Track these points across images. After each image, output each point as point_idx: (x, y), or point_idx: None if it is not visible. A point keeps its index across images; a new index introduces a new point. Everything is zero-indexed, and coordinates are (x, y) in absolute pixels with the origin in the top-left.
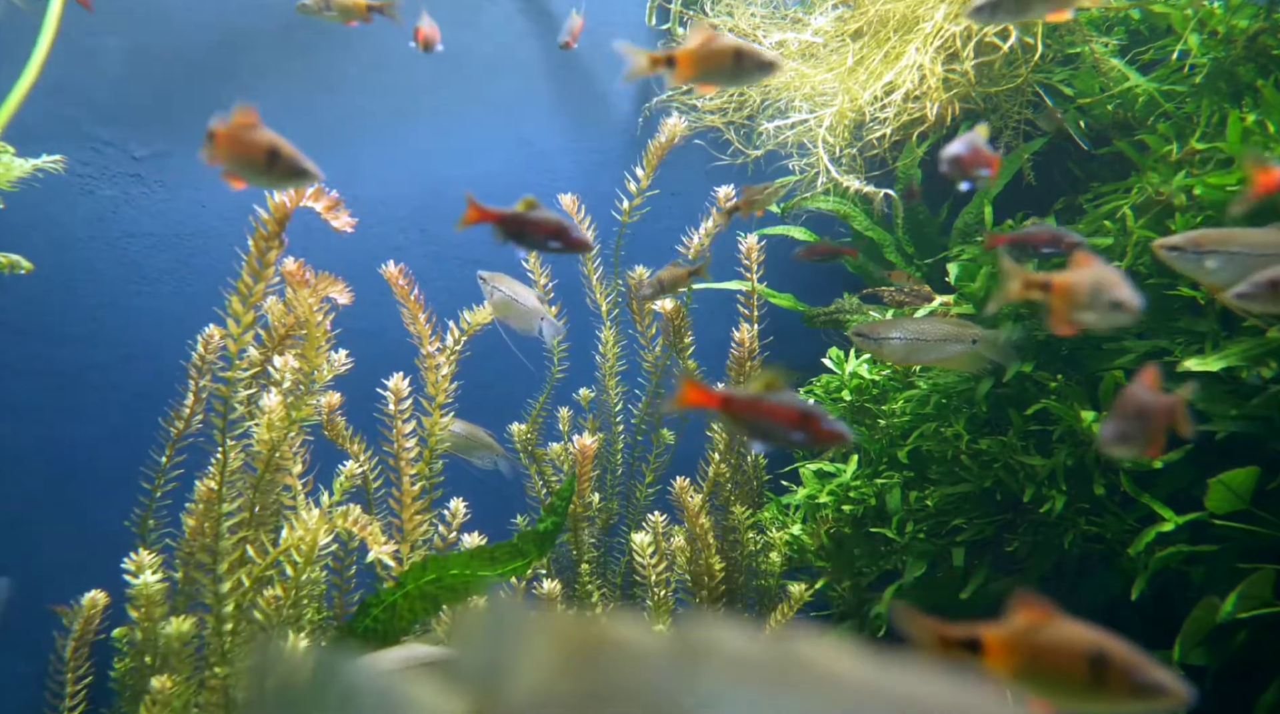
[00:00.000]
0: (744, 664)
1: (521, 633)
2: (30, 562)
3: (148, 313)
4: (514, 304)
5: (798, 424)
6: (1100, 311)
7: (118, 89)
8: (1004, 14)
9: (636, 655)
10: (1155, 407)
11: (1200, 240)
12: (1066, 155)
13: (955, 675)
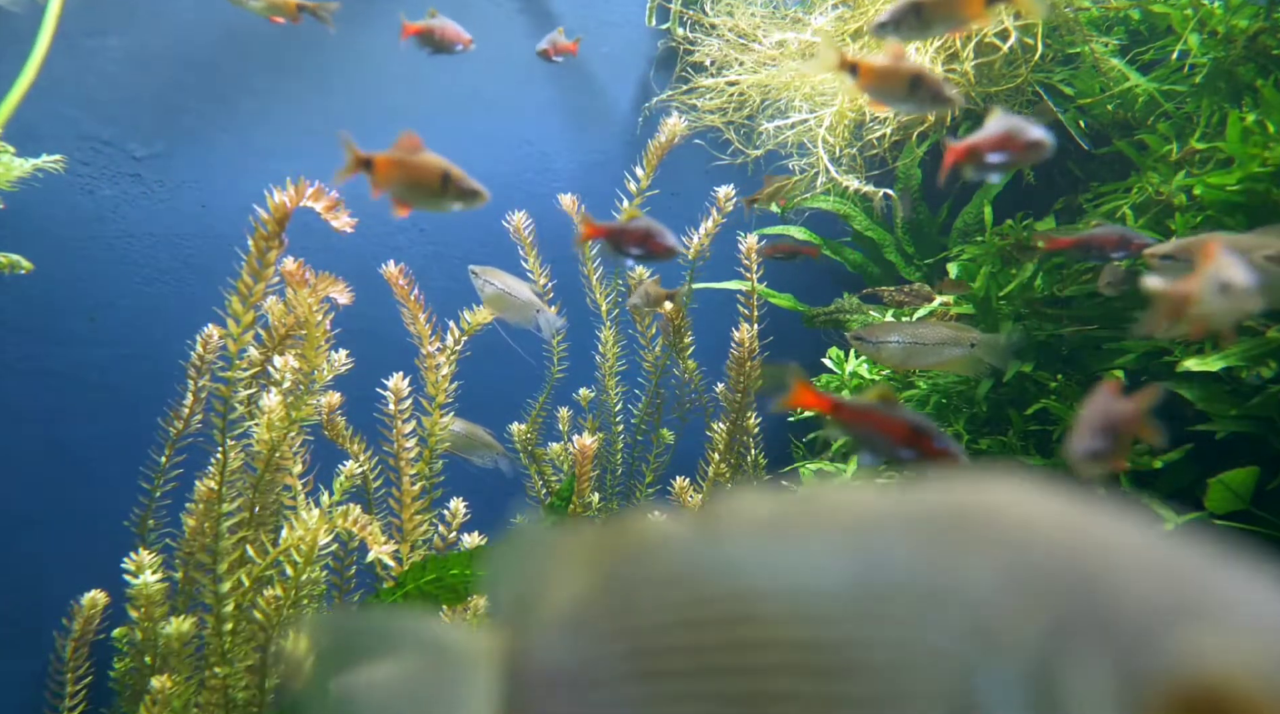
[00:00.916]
0: (765, 521)
1: (548, 557)
2: (30, 562)
3: (148, 313)
4: (507, 297)
5: (908, 440)
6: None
7: (118, 89)
8: (906, 30)
9: (663, 547)
10: (1121, 417)
11: (1191, 248)
12: (1066, 155)
13: (977, 485)
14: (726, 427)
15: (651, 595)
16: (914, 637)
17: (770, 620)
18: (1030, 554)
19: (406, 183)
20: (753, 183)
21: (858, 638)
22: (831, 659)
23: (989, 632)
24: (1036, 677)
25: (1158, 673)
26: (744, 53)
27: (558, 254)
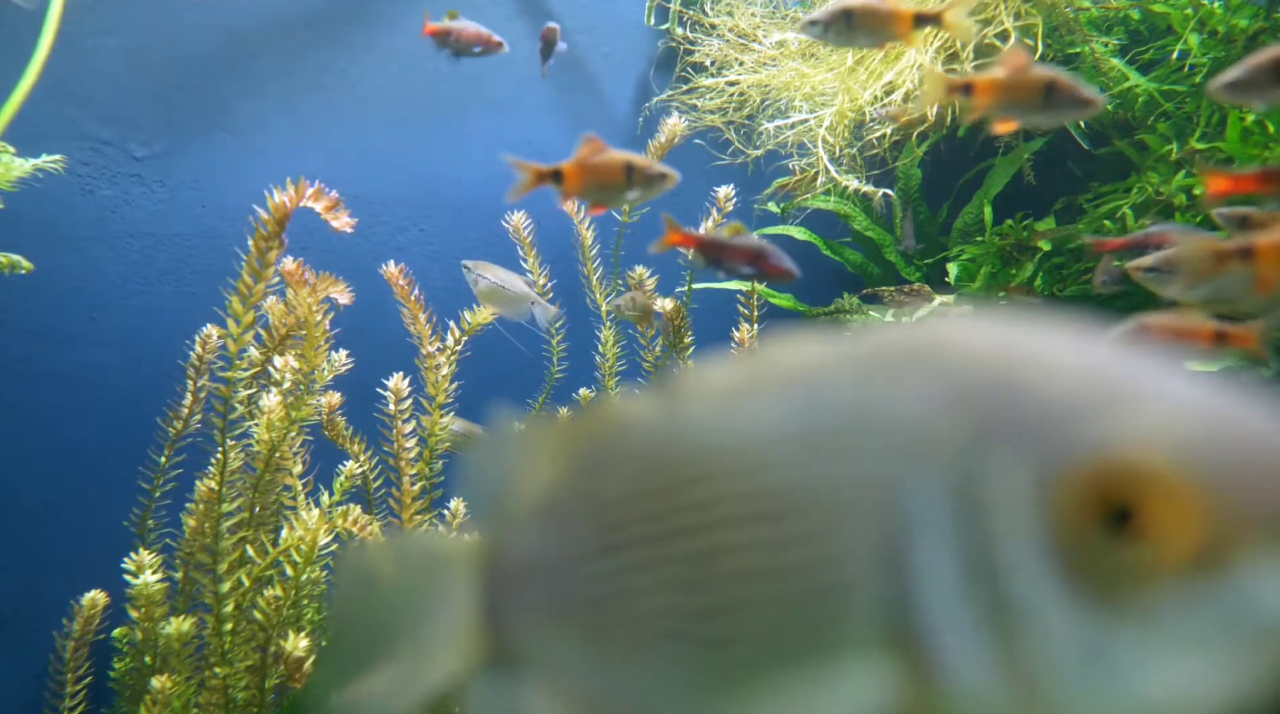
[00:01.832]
0: (720, 384)
1: (520, 453)
2: (30, 561)
3: (148, 313)
4: (501, 291)
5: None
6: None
7: (118, 89)
8: (832, 35)
9: (625, 425)
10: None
11: (1173, 260)
12: (1066, 155)
13: (927, 323)
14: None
15: (614, 472)
16: (850, 467)
17: (720, 476)
18: (961, 373)
19: (594, 185)
20: (753, 183)
21: (800, 478)
22: (776, 504)
23: (917, 450)
24: (961, 488)
25: (1070, 463)
26: (744, 53)
27: (558, 254)
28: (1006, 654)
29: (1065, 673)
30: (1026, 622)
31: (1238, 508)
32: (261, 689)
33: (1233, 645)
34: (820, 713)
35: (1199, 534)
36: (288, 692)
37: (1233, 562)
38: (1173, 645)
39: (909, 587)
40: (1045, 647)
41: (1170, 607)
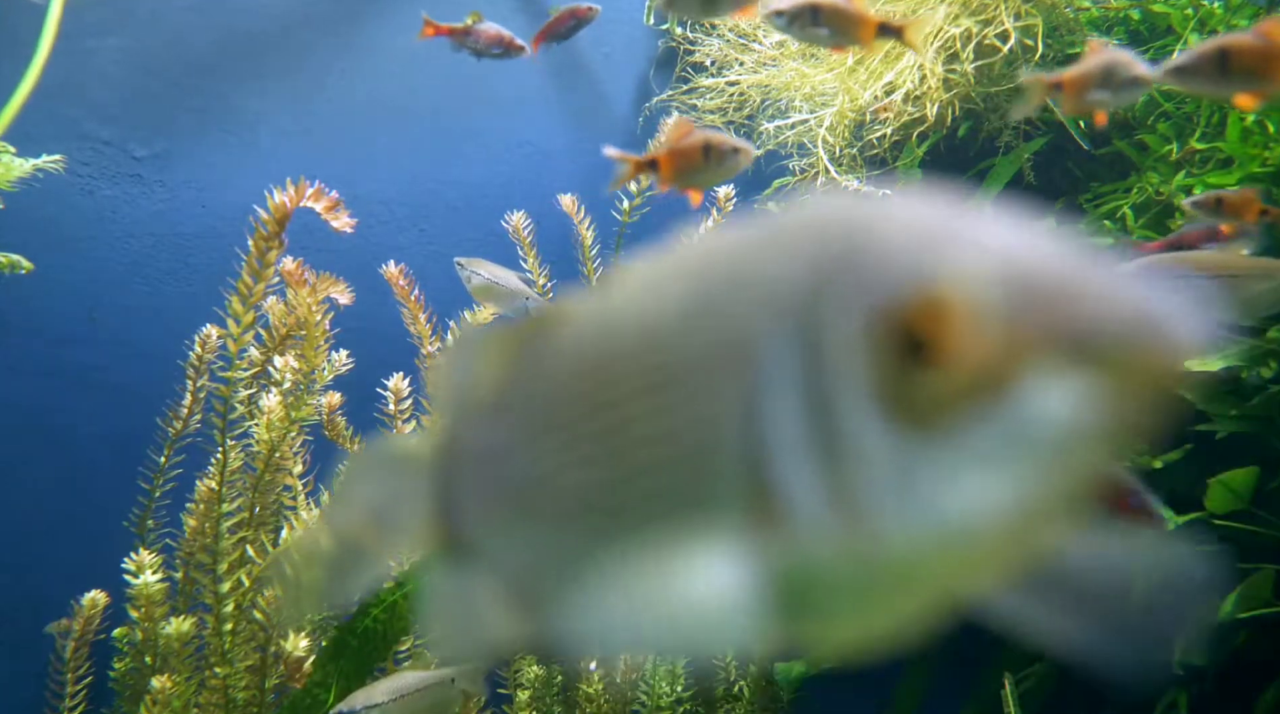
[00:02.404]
0: (644, 275)
1: (475, 355)
2: (30, 561)
3: (148, 313)
4: (495, 287)
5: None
6: None
7: (118, 89)
8: (796, 29)
9: (562, 322)
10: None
11: (1156, 267)
12: (1066, 155)
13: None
14: None
15: (547, 364)
16: (720, 331)
17: (624, 357)
18: (816, 237)
19: (683, 169)
20: (753, 182)
21: (682, 348)
22: (664, 374)
23: (772, 308)
24: (805, 337)
25: (881, 301)
26: (744, 53)
27: (558, 254)
28: (838, 488)
29: (882, 499)
30: (852, 455)
31: (1019, 330)
32: (261, 689)
33: (1021, 459)
34: (695, 570)
35: (986, 357)
36: (288, 692)
37: (1016, 380)
38: (971, 464)
39: (763, 435)
40: (866, 477)
41: (966, 428)
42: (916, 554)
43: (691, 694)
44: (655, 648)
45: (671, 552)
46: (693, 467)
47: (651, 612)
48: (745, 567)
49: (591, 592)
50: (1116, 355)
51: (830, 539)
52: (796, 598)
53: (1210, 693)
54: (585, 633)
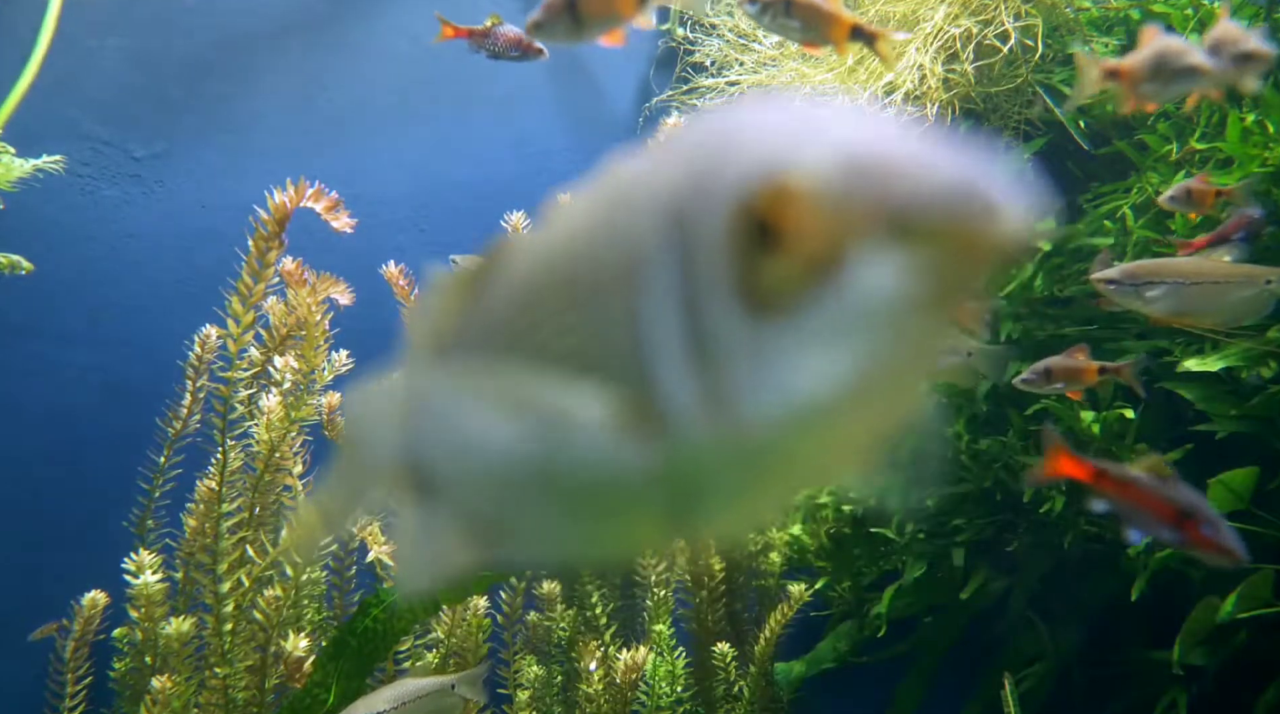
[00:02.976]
0: (566, 206)
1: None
2: (30, 561)
3: (148, 313)
4: None
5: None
6: None
7: (118, 89)
8: (768, 20)
9: (504, 261)
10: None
11: (1135, 272)
12: (1066, 155)
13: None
14: None
15: (487, 300)
16: (615, 241)
17: (540, 283)
18: (701, 144)
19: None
20: None
21: (589, 258)
22: (572, 293)
23: (656, 214)
24: (680, 237)
25: (734, 193)
26: (744, 53)
27: None
28: (704, 381)
29: (741, 387)
30: (713, 347)
31: (848, 209)
32: (261, 689)
33: (859, 334)
34: (608, 479)
35: (821, 237)
36: (288, 692)
37: (849, 258)
38: (816, 343)
39: (645, 338)
40: (727, 367)
41: (809, 310)
42: (778, 436)
43: (691, 694)
44: (581, 548)
45: (588, 463)
46: (598, 378)
47: (572, 516)
48: (646, 467)
49: (526, 507)
50: (937, 226)
51: (703, 431)
52: (686, 491)
53: (1210, 693)
54: (524, 546)
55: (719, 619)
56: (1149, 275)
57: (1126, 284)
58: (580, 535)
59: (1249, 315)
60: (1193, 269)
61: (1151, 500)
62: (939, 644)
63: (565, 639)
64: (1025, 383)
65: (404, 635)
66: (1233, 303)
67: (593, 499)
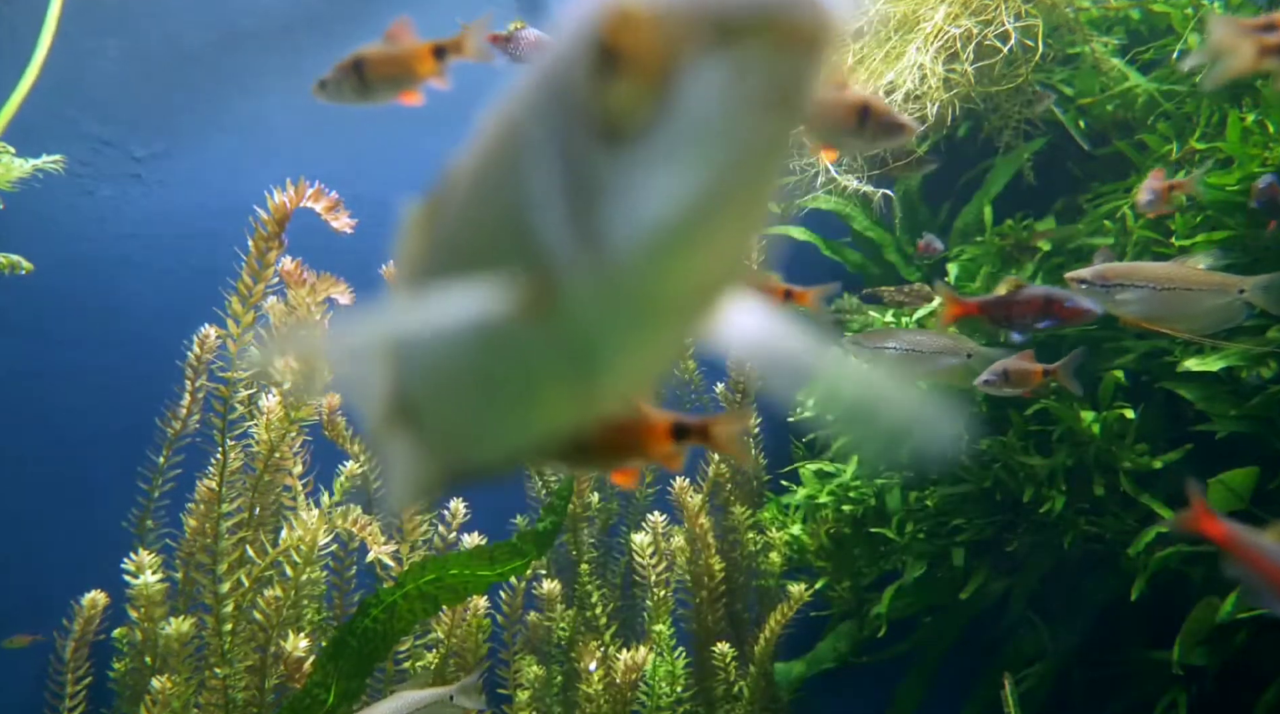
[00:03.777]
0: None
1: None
2: (30, 562)
3: (148, 313)
4: None
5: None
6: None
7: (118, 89)
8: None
9: (448, 188)
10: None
11: (1108, 274)
12: (1066, 155)
13: None
14: None
15: (437, 228)
16: (514, 123)
17: (469, 177)
18: (567, 11)
19: (824, 123)
20: None
21: (490, 152)
22: (480, 187)
23: (543, 84)
24: (556, 95)
25: (589, 23)
26: None
27: None
28: (579, 221)
29: (607, 218)
30: (584, 184)
31: (675, 22)
32: (261, 689)
33: (701, 144)
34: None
35: (655, 53)
36: (287, 692)
37: (681, 68)
38: (664, 161)
39: (530, 199)
40: (595, 201)
41: (654, 128)
42: (645, 265)
43: (691, 694)
44: (519, 438)
45: (507, 352)
46: (507, 265)
47: (506, 407)
48: (551, 337)
49: (474, 409)
50: (757, 21)
51: (584, 276)
52: (586, 349)
53: (1210, 693)
54: (477, 448)
55: (719, 619)
56: (1121, 278)
57: (1098, 285)
58: (516, 425)
59: (1221, 323)
60: (1165, 274)
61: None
62: (939, 644)
63: (565, 639)
64: (986, 385)
65: (404, 635)
66: (1205, 310)
67: (518, 386)
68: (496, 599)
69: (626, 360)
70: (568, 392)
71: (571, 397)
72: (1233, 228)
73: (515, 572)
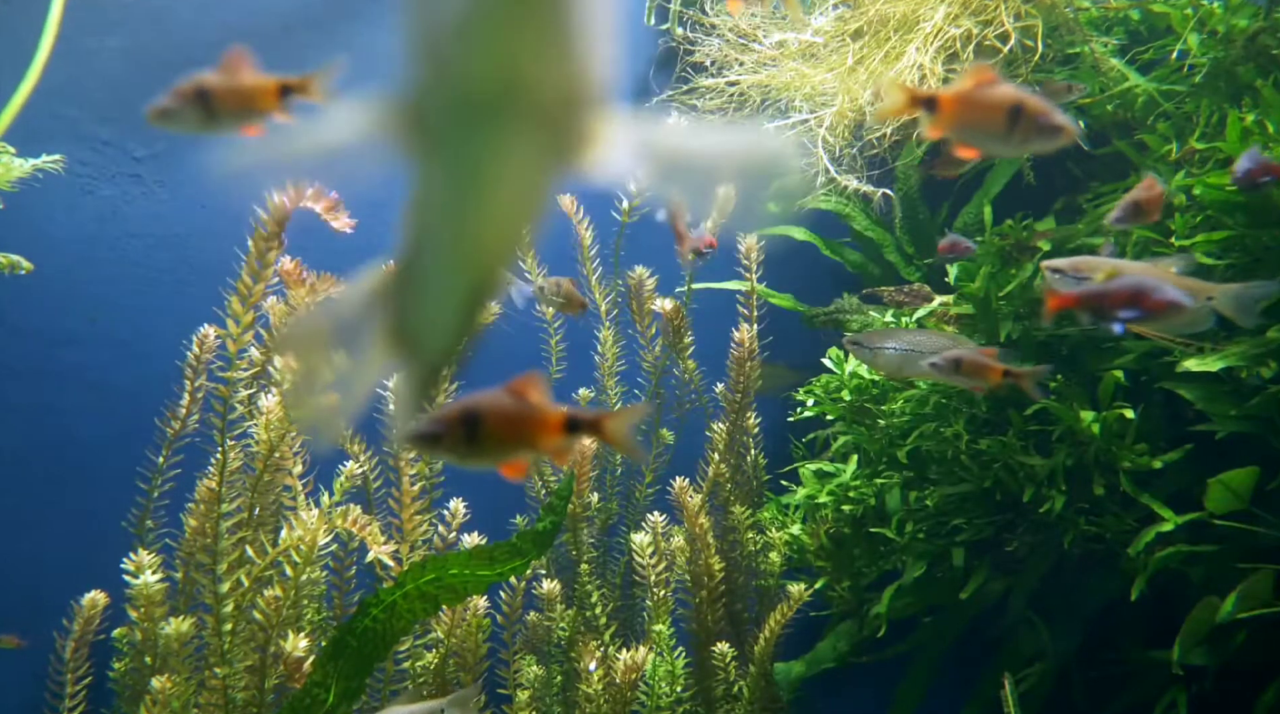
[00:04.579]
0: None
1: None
2: (30, 562)
3: (148, 313)
4: None
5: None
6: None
7: (118, 89)
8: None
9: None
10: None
11: (1080, 266)
12: (1066, 155)
13: None
14: (726, 427)
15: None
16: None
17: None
18: None
19: (970, 123)
20: None
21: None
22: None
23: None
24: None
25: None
26: (744, 53)
27: (556, 255)
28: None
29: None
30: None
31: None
32: (261, 689)
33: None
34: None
35: None
36: (287, 692)
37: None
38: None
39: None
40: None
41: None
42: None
43: (691, 694)
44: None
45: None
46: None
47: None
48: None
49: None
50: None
51: (432, 73)
52: (455, 159)
53: (1210, 693)
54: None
55: (719, 619)
56: (1091, 271)
57: (1070, 276)
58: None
59: (1188, 327)
60: (1134, 271)
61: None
62: (939, 644)
63: (565, 639)
64: (932, 367)
65: (404, 635)
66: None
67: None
68: (496, 599)
69: (484, 168)
70: (459, 219)
71: (464, 223)
72: (1233, 228)
73: (515, 572)
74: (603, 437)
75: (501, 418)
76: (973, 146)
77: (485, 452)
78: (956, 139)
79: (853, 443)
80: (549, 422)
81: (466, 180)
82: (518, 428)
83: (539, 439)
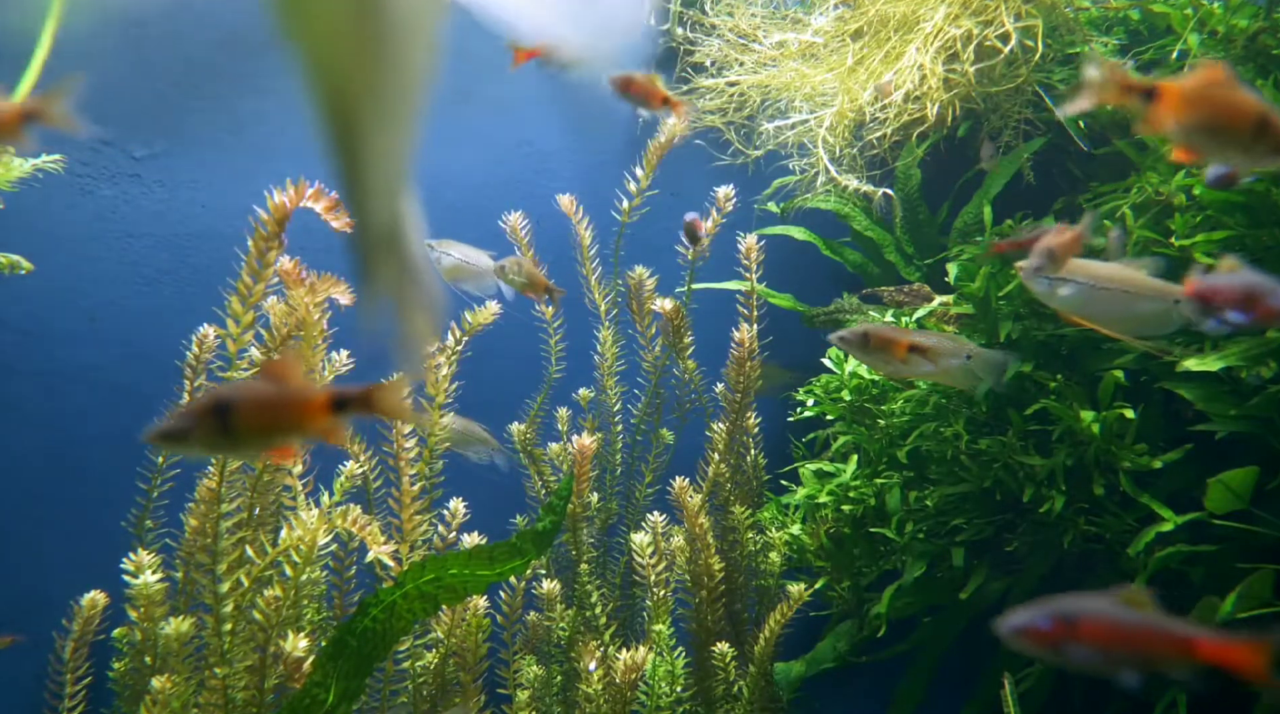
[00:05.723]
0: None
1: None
2: (30, 561)
3: (148, 313)
4: (465, 267)
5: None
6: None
7: (118, 89)
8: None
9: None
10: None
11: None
12: (1066, 155)
13: None
14: (726, 427)
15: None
16: None
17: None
18: None
19: (1202, 125)
20: (753, 182)
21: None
22: None
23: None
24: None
25: None
26: (744, 53)
27: (556, 254)
28: None
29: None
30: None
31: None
32: (261, 689)
33: None
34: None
35: None
36: (287, 692)
37: None
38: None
39: None
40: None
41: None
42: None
43: (691, 694)
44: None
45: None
46: None
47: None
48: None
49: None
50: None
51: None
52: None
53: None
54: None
55: (719, 619)
56: (1065, 273)
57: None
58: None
59: (1154, 329)
60: (1106, 274)
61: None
62: (939, 644)
63: (565, 639)
64: (840, 340)
65: (404, 635)
66: (1139, 314)
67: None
68: (496, 599)
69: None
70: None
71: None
72: (1233, 228)
73: (515, 571)
74: (375, 411)
75: (256, 405)
76: (1199, 150)
77: (245, 441)
78: (1179, 139)
79: (852, 443)
80: (313, 403)
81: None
82: (277, 413)
83: (305, 422)
